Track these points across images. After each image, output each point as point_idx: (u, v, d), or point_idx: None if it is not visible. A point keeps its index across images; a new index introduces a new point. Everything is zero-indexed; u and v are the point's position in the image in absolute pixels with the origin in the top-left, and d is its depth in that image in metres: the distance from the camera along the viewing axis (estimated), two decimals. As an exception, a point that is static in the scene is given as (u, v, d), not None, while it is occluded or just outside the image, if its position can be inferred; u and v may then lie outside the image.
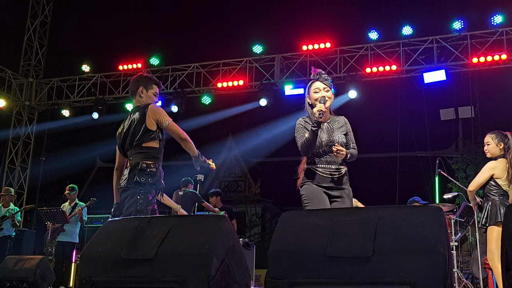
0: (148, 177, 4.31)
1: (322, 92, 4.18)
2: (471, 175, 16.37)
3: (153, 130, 4.39)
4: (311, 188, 4.09)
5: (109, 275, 2.86)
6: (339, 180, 4.11)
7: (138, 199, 4.25)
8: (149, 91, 4.62)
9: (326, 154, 4.12)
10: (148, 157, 4.36)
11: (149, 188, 4.31)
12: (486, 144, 5.63)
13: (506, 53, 10.78)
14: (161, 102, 13.02)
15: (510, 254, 2.27)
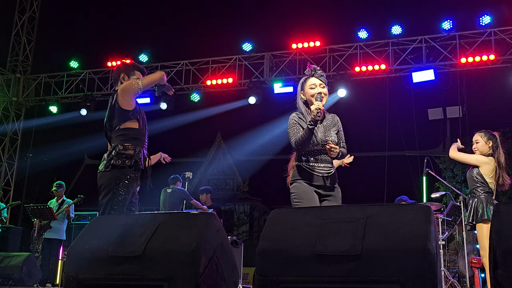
0: (125, 160, 4.16)
1: (318, 88, 4.08)
2: (458, 175, 16.48)
3: (129, 110, 4.27)
4: (302, 186, 4.02)
5: (96, 273, 2.84)
6: (330, 179, 4.05)
7: (115, 185, 4.11)
8: (131, 77, 4.48)
9: (318, 153, 4.05)
10: (126, 139, 4.24)
11: (127, 172, 4.15)
12: (475, 142, 5.65)
13: (494, 54, 10.84)
14: (150, 99, 12.96)
15: (497, 252, 2.27)
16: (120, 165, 4.16)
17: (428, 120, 17.51)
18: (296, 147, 4.03)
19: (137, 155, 4.22)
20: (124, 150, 4.19)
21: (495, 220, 2.37)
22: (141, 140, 4.33)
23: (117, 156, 4.17)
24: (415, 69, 11.35)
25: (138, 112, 4.35)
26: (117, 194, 4.11)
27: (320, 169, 4.03)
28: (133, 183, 4.22)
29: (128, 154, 4.19)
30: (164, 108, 12.85)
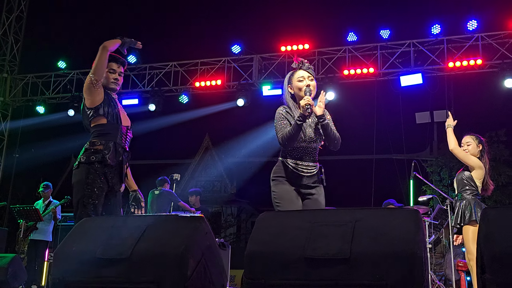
0: (91, 156, 4.08)
1: (306, 80, 3.95)
2: (445, 178, 16.60)
3: (92, 107, 4.18)
4: (283, 186, 3.91)
5: (83, 275, 2.81)
6: (312, 178, 3.95)
7: (85, 182, 4.02)
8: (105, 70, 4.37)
9: (304, 150, 3.93)
10: (96, 136, 4.17)
11: (95, 167, 4.06)
12: (466, 144, 5.64)
13: (481, 58, 10.93)
14: (138, 101, 12.92)
15: (485, 256, 2.28)
16: (86, 161, 4.08)
17: (415, 124, 17.63)
18: (283, 143, 3.89)
19: (106, 150, 4.12)
20: (91, 146, 4.14)
21: (483, 224, 2.38)
22: (113, 134, 4.21)
23: (84, 153, 4.13)
24: (403, 73, 11.41)
25: (106, 107, 4.22)
26: (87, 191, 4.02)
27: (304, 167, 3.92)
28: (102, 178, 4.10)
29: (95, 150, 4.11)
30: (152, 110, 12.81)
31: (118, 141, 4.24)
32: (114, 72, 4.40)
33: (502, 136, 16.41)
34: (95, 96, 4.21)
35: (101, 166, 4.10)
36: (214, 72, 12.87)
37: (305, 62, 4.05)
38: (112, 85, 4.41)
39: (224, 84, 12.70)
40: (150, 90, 13.05)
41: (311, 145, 3.94)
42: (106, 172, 4.13)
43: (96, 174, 4.07)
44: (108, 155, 4.12)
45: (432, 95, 13.15)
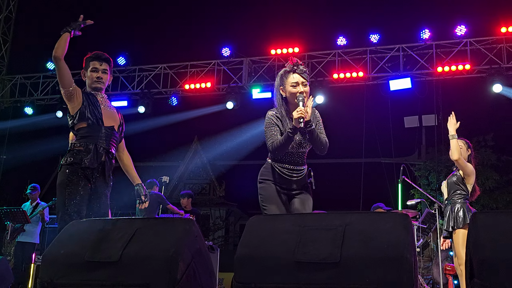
0: (70, 158, 4.07)
1: (300, 87, 3.78)
2: (433, 182, 16.67)
3: (72, 114, 4.18)
4: (270, 188, 3.86)
5: (72, 278, 2.80)
6: (301, 181, 3.91)
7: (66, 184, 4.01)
8: (88, 70, 4.35)
9: (293, 156, 3.87)
10: (78, 138, 4.16)
11: (75, 169, 4.04)
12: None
13: (470, 63, 11.01)
14: (127, 103, 12.88)
15: (474, 261, 2.30)
16: (66, 163, 4.08)
17: (404, 128, 17.70)
18: (272, 151, 3.81)
19: (85, 152, 4.09)
20: (72, 148, 4.14)
21: (472, 229, 2.40)
22: (94, 136, 4.17)
23: (66, 155, 4.14)
24: (392, 77, 11.47)
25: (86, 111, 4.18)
26: (68, 193, 4.01)
27: (292, 172, 3.88)
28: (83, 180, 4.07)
29: (74, 152, 4.11)
30: (142, 112, 12.77)
31: (100, 142, 4.19)
32: (96, 70, 4.34)
33: (489, 141, 16.52)
34: (73, 104, 4.19)
35: (81, 168, 4.08)
36: (204, 75, 12.86)
37: (300, 65, 3.88)
38: (96, 84, 4.35)
39: (213, 86, 12.69)
40: (140, 92, 13.01)
41: (299, 150, 3.89)
42: (87, 174, 4.11)
43: (76, 176, 4.05)
44: (87, 157, 4.09)
45: (420, 99, 13.24)
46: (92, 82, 4.34)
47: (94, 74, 4.34)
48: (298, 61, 3.90)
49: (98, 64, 4.34)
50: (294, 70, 3.85)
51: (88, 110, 4.19)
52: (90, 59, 4.36)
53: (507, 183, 16.68)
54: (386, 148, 15.28)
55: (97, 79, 4.34)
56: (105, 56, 4.41)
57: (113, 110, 4.45)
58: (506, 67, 10.87)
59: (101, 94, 4.41)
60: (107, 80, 4.44)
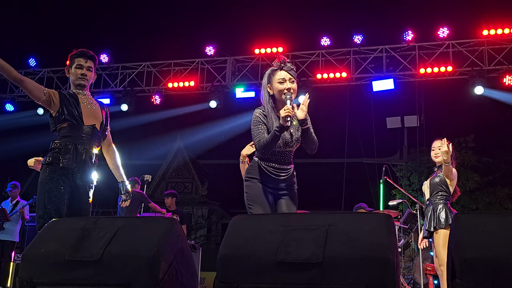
0: (49, 157, 4.06)
1: (287, 83, 3.77)
2: (414, 183, 16.79)
3: (52, 116, 4.18)
4: (255, 187, 3.83)
5: (52, 277, 2.76)
6: (287, 180, 3.88)
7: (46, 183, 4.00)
8: (72, 66, 4.31)
9: (281, 155, 3.84)
10: (59, 138, 4.16)
11: (55, 168, 4.02)
12: (438, 148, 5.62)
13: (452, 65, 11.12)
14: (110, 100, 12.77)
15: (456, 262, 2.31)
16: (45, 163, 4.07)
17: (386, 129, 17.82)
18: (259, 150, 3.78)
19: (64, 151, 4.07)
20: (52, 147, 4.12)
21: (454, 230, 2.41)
22: (73, 136, 4.16)
23: (46, 154, 4.13)
24: (375, 78, 11.53)
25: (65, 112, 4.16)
26: (47, 192, 3.98)
27: (278, 171, 3.85)
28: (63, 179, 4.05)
29: (54, 151, 4.09)
30: (124, 110, 12.69)
31: (80, 142, 4.17)
32: (81, 67, 4.31)
33: (470, 142, 16.68)
34: (52, 108, 4.19)
35: (60, 167, 4.06)
36: (187, 73, 12.81)
37: (287, 62, 3.87)
38: (79, 81, 4.32)
39: (197, 85, 12.65)
40: (122, 90, 12.93)
41: (286, 149, 3.85)
42: (67, 173, 4.08)
43: (56, 175, 4.04)
44: (65, 156, 4.07)
45: (403, 100, 13.34)
46: (76, 79, 4.31)
47: (78, 71, 4.30)
48: (285, 58, 3.89)
49: (83, 61, 4.31)
50: (282, 67, 3.84)
51: (67, 110, 4.17)
52: (75, 55, 4.32)
53: (487, 184, 16.86)
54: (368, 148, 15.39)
55: (82, 76, 4.31)
56: (90, 54, 4.37)
57: (95, 107, 4.39)
58: (488, 69, 10.99)
59: (83, 92, 4.37)
60: (91, 78, 4.41)
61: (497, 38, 10.99)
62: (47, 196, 3.98)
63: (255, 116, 3.86)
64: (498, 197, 16.72)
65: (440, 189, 5.45)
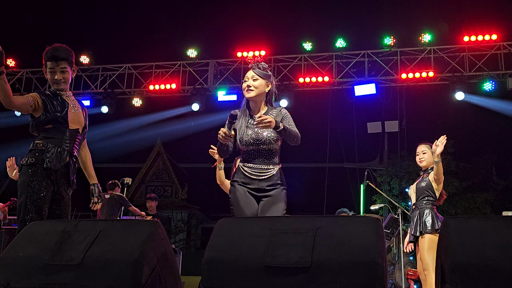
0: (31, 158, 3.93)
1: (249, 81, 3.88)
2: (395, 188, 16.89)
3: (35, 117, 4.02)
4: (236, 191, 3.82)
5: (30, 281, 2.67)
6: (266, 182, 3.80)
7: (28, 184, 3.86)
8: (46, 70, 4.13)
9: (252, 154, 3.84)
10: (40, 138, 4.02)
11: (36, 170, 3.90)
12: (422, 153, 5.59)
13: (433, 71, 11.20)
14: (90, 102, 12.62)
15: (445, 266, 2.27)
16: (27, 163, 3.93)
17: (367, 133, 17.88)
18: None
19: (47, 152, 3.95)
20: (33, 148, 3.99)
21: (444, 234, 2.38)
22: (57, 139, 4.03)
23: (27, 155, 3.99)
24: (357, 83, 11.57)
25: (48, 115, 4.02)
26: (29, 194, 3.86)
27: (254, 171, 3.82)
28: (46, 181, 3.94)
29: (37, 151, 3.96)
30: (105, 112, 12.55)
31: (64, 145, 4.06)
32: (53, 71, 4.11)
33: (449, 147, 16.82)
34: (35, 113, 4.05)
35: (43, 168, 3.94)
36: (169, 76, 12.73)
37: (258, 63, 3.95)
38: (56, 86, 4.14)
39: (178, 88, 12.58)
40: (103, 92, 12.79)
41: (260, 147, 3.83)
42: (49, 174, 3.97)
43: (38, 176, 3.92)
44: (49, 158, 3.96)
45: (384, 105, 13.40)
46: (52, 84, 4.15)
47: (51, 76, 4.12)
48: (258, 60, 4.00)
49: (54, 64, 4.09)
50: (251, 68, 3.97)
51: (51, 114, 4.03)
52: (46, 58, 4.11)
53: (466, 189, 17.02)
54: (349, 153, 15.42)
55: (57, 80, 4.12)
56: (61, 55, 4.11)
57: (79, 111, 4.26)
58: (468, 75, 11.09)
59: (67, 93, 4.22)
60: (68, 79, 4.21)
61: (478, 45, 11.10)
62: (29, 198, 3.86)
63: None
64: (477, 202, 16.89)
65: (426, 194, 5.42)
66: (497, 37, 10.97)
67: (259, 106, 3.99)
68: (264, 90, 3.95)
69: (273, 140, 3.84)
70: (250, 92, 3.89)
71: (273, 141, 3.84)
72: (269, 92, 4.01)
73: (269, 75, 3.98)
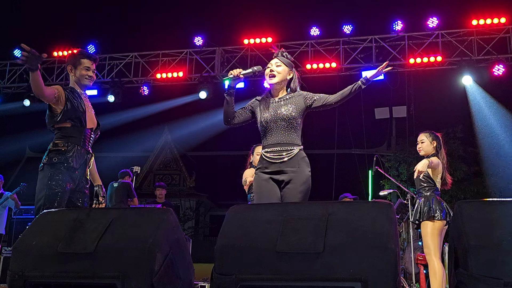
0: (54, 157, 4.03)
1: (273, 66, 4.00)
2: (403, 173, 16.84)
3: (57, 113, 4.10)
4: (258, 178, 3.87)
5: (44, 270, 2.70)
6: (290, 162, 3.80)
7: (49, 182, 3.96)
8: (78, 67, 4.29)
9: (272, 134, 3.88)
10: (59, 137, 4.12)
11: (58, 169, 4.00)
12: (420, 142, 5.68)
13: (441, 55, 11.11)
14: (97, 91, 12.63)
15: (458, 251, 2.27)
16: (48, 163, 4.04)
17: (374, 119, 17.83)
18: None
19: (69, 152, 4.06)
20: (54, 147, 4.09)
21: (456, 218, 2.37)
22: (76, 137, 4.15)
23: (48, 154, 4.08)
24: (364, 68, 11.50)
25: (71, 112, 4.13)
26: (50, 192, 3.96)
27: (272, 155, 3.84)
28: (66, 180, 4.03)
29: (58, 151, 4.06)
30: (112, 101, 12.56)
31: (82, 144, 4.19)
32: (88, 69, 4.33)
33: (458, 132, 16.74)
34: (56, 105, 4.13)
35: (65, 168, 4.04)
36: (176, 64, 12.70)
37: (283, 52, 4.09)
38: (85, 82, 4.35)
39: (186, 76, 12.55)
40: (110, 81, 12.79)
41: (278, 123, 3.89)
42: (70, 173, 4.08)
43: (59, 175, 4.01)
44: (71, 157, 4.07)
45: (392, 91, 13.33)
46: (83, 79, 4.32)
47: (86, 73, 4.32)
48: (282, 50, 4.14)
49: (90, 63, 4.34)
50: (275, 56, 4.09)
51: (72, 111, 4.15)
52: (82, 56, 4.33)
53: (474, 174, 16.95)
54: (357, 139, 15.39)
55: (89, 77, 4.35)
56: (95, 56, 4.45)
57: (92, 111, 4.44)
58: (477, 59, 11.00)
59: (84, 93, 4.40)
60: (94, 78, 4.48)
61: (486, 28, 10.99)
62: (51, 197, 3.95)
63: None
64: (486, 186, 16.83)
65: (424, 182, 5.49)
66: (505, 20, 10.85)
67: (279, 93, 4.08)
68: (286, 77, 4.06)
69: (292, 116, 3.89)
70: (273, 78, 4.00)
71: (291, 117, 3.89)
72: (291, 80, 4.10)
73: (292, 64, 4.11)
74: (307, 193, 3.83)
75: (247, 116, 4.09)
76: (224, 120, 4.04)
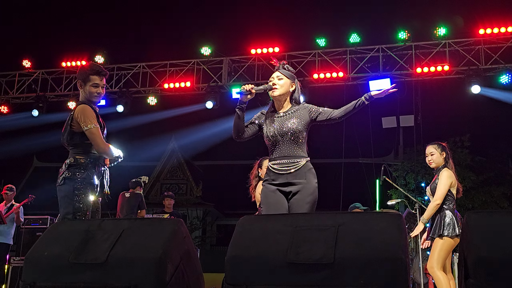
0: (76, 172, 4.07)
1: (275, 79, 4.05)
2: (410, 182, 16.81)
3: (79, 132, 4.14)
4: (265, 189, 3.91)
5: (56, 281, 2.72)
6: (297, 174, 3.83)
7: (71, 198, 4.01)
8: (87, 83, 4.28)
9: (275, 148, 3.94)
10: (79, 153, 4.15)
11: (81, 183, 4.05)
12: (430, 154, 5.60)
13: (448, 65, 11.11)
14: (106, 102, 12.69)
15: (468, 261, 2.28)
16: (71, 177, 4.07)
17: (382, 128, 17.81)
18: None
19: (90, 166, 4.12)
20: (75, 162, 4.11)
21: (466, 229, 2.38)
22: (94, 153, 4.19)
23: (69, 169, 4.10)
24: (371, 78, 11.50)
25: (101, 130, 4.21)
26: (75, 206, 4.01)
27: (279, 166, 3.88)
28: (88, 195, 4.09)
29: (80, 166, 4.10)
30: (120, 111, 12.61)
31: (101, 159, 4.25)
32: (97, 86, 4.30)
33: (466, 141, 16.71)
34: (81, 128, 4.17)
35: (87, 182, 4.09)
36: (183, 74, 12.75)
37: (284, 64, 4.13)
38: (95, 99, 4.34)
39: (193, 86, 12.59)
40: (118, 91, 12.84)
41: (285, 137, 3.93)
42: (92, 188, 4.13)
43: (84, 190, 4.06)
44: (95, 173, 4.14)
45: (399, 100, 13.32)
46: (91, 96, 4.31)
47: (95, 90, 4.30)
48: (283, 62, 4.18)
49: (99, 79, 4.31)
50: (276, 69, 4.15)
51: (101, 130, 4.23)
52: (91, 72, 4.31)
53: (482, 183, 16.89)
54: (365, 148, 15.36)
55: (97, 94, 4.32)
56: (105, 71, 4.41)
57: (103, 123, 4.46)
58: (484, 68, 10.99)
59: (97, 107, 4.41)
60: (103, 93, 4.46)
61: (493, 37, 10.98)
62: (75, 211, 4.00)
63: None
64: (494, 196, 16.76)
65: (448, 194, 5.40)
66: (513, 29, 10.86)
67: (283, 105, 4.11)
68: (289, 89, 4.10)
69: (297, 130, 3.93)
70: (275, 90, 4.04)
71: (297, 130, 3.93)
72: (293, 92, 4.13)
73: (294, 76, 4.14)
74: (314, 204, 3.88)
75: (255, 130, 4.14)
76: (235, 134, 4.06)
